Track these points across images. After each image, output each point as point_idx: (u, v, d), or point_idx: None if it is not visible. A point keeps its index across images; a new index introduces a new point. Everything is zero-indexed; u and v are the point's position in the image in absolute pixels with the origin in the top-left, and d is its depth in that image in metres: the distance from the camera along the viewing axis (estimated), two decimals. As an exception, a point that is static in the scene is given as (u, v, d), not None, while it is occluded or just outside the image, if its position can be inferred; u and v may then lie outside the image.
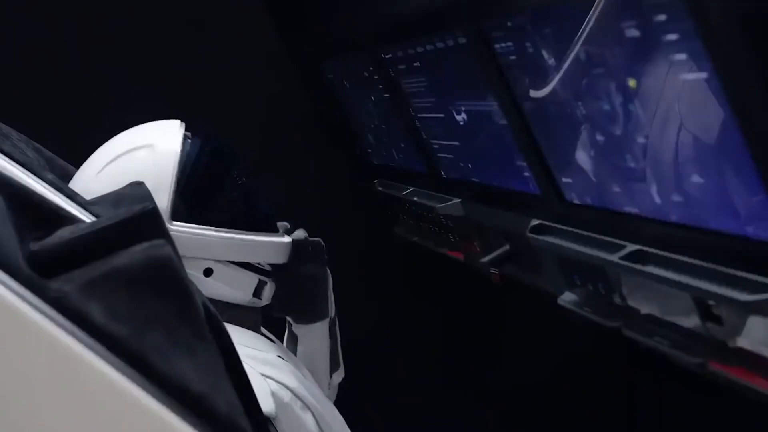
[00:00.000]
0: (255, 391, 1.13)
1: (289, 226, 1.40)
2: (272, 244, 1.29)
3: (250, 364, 1.16)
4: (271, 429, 1.10)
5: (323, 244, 1.44)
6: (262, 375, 1.16)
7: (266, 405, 1.11)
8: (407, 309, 2.54)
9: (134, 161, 1.21)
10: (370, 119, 2.13)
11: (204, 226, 1.21)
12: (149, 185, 1.17)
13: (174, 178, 1.20)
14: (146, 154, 1.22)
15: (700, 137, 0.96)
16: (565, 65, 1.11)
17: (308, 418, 1.21)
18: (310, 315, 1.45)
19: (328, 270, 1.46)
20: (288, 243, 1.31)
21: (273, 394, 1.15)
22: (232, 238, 1.23)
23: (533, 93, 1.22)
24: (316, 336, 1.46)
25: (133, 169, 1.20)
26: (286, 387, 1.19)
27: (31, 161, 0.74)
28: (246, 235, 1.25)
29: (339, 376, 1.51)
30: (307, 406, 1.21)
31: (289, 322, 1.48)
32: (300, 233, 1.38)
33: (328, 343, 1.48)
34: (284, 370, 1.22)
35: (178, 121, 1.28)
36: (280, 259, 1.30)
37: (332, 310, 1.49)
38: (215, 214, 1.24)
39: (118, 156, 1.23)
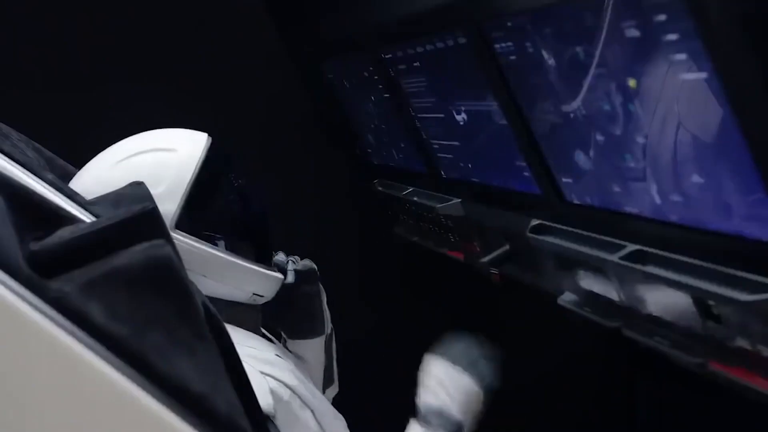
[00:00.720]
0: (254, 388, 1.13)
1: (285, 259, 1.40)
2: (264, 276, 1.29)
3: (250, 363, 1.15)
4: (270, 428, 1.09)
5: (315, 268, 1.45)
6: (261, 373, 1.16)
7: (265, 402, 1.11)
8: (407, 309, 2.54)
9: (156, 161, 1.21)
10: (370, 119, 2.13)
11: (202, 242, 1.22)
12: (162, 188, 1.19)
13: (188, 187, 1.20)
14: (168, 157, 1.22)
15: (700, 137, 0.96)
16: (591, 72, 1.10)
17: (308, 416, 1.21)
18: (303, 331, 1.46)
19: (321, 286, 1.46)
20: (279, 279, 1.32)
21: (272, 391, 1.15)
22: (227, 260, 1.23)
23: (559, 107, 1.21)
24: (309, 352, 1.46)
25: (152, 167, 1.20)
26: (286, 385, 1.18)
27: (31, 161, 0.74)
28: (240, 260, 1.25)
29: (332, 391, 1.51)
30: (306, 404, 1.21)
31: (284, 337, 1.48)
32: (291, 272, 1.38)
33: (322, 359, 1.48)
34: (284, 369, 1.22)
35: (205, 135, 1.29)
36: (268, 292, 1.30)
37: (328, 327, 1.49)
38: (214, 233, 1.25)
39: (141, 152, 1.23)
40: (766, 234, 0.95)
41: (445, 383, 1.29)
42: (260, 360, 1.20)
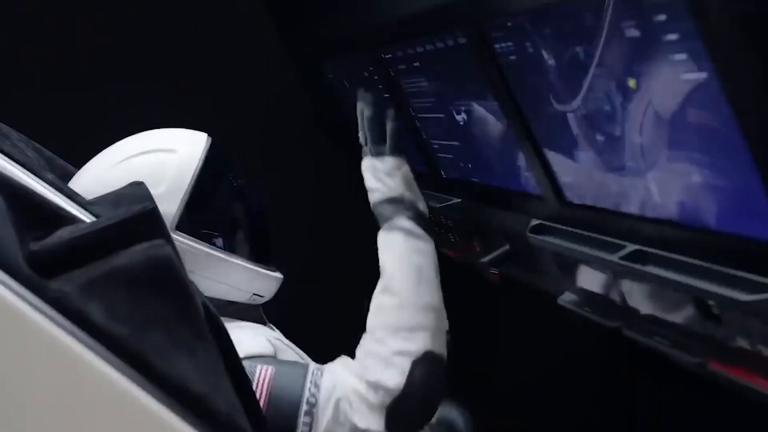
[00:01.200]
0: (254, 343, 1.17)
1: None
2: (264, 276, 1.29)
3: (248, 330, 1.19)
4: (275, 361, 1.13)
5: None
6: (257, 334, 1.19)
7: (267, 349, 1.15)
8: (407, 309, 2.53)
9: (156, 161, 1.22)
10: (370, 119, 2.13)
11: (202, 242, 1.22)
12: (162, 189, 1.19)
13: (189, 188, 1.20)
14: (169, 158, 1.22)
15: (700, 137, 0.96)
16: (591, 72, 1.10)
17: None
18: None
19: None
20: (279, 279, 1.32)
21: (269, 340, 1.18)
22: (227, 261, 1.24)
23: (559, 107, 1.21)
24: None
25: (152, 168, 1.20)
26: (282, 341, 1.23)
27: (31, 161, 0.74)
28: (240, 261, 1.25)
29: None
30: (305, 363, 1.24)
31: None
32: None
33: None
34: (280, 336, 1.27)
35: (205, 135, 1.29)
36: (268, 292, 1.30)
37: None
38: (214, 233, 1.25)
39: (142, 153, 1.23)
40: (766, 234, 0.95)
41: (374, 179, 1.39)
42: (258, 329, 1.24)
